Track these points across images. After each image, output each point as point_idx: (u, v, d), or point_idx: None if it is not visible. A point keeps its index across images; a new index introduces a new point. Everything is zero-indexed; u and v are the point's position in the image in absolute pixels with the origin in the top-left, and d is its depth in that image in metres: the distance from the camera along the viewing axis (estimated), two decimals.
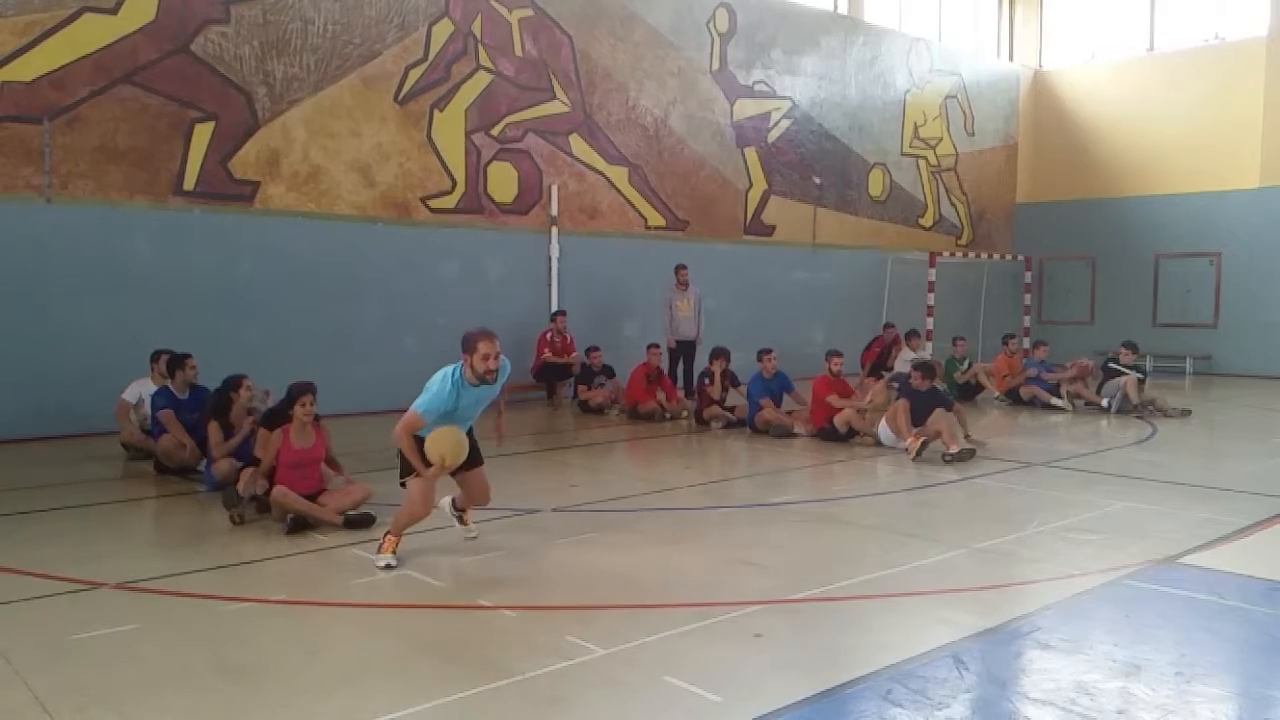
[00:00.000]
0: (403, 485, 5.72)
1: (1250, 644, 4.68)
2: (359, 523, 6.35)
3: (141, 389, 9.20)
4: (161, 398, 8.51)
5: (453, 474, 5.76)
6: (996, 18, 22.20)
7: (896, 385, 10.24)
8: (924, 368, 9.81)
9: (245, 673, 4.09)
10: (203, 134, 11.17)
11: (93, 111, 10.43)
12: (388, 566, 5.50)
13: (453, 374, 5.61)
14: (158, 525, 7.25)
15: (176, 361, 8.64)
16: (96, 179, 10.52)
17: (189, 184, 11.11)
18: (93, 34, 10.41)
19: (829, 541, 6.50)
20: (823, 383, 10.64)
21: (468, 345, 5.62)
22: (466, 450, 5.57)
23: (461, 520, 6.06)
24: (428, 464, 5.51)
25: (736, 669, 4.13)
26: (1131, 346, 13.33)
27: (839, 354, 10.96)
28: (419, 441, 5.54)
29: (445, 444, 5.47)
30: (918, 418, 9.54)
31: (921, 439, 9.29)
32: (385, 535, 5.70)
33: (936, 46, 20.24)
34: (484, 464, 6.00)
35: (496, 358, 5.58)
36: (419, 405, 5.56)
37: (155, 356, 9.24)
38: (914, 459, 9.24)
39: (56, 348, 10.16)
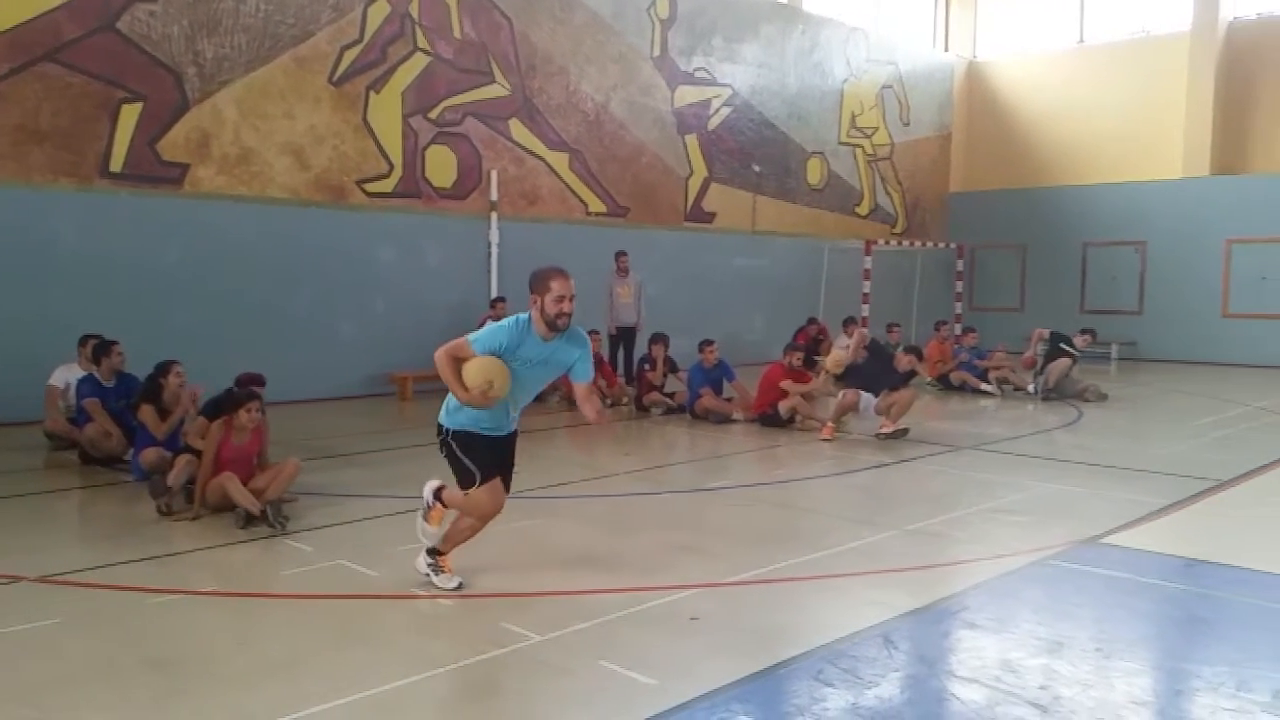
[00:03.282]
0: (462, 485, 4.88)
1: (1167, 619, 4.86)
2: (274, 523, 5.99)
3: (68, 374, 8.91)
4: (86, 385, 8.29)
5: None
6: (933, 8, 22.51)
7: (868, 340, 10.73)
8: (914, 351, 10.60)
9: (171, 665, 4.01)
10: (130, 114, 10.86)
11: (12, 90, 10.06)
12: (438, 575, 4.94)
13: (525, 318, 4.73)
14: (82, 516, 7.07)
15: (103, 348, 8.42)
16: (17, 160, 10.16)
17: (116, 166, 10.79)
18: (9, 9, 10.02)
19: (765, 525, 6.58)
20: (778, 369, 10.77)
21: (538, 284, 4.66)
22: (509, 386, 4.68)
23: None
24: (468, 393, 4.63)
25: (671, 652, 4.17)
26: (1091, 333, 13.72)
27: (798, 348, 11.24)
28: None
29: (493, 370, 4.59)
30: (878, 387, 9.98)
31: (835, 434, 9.90)
32: (433, 554, 5.01)
33: (873, 36, 20.45)
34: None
35: (571, 300, 4.67)
36: (471, 336, 4.74)
37: (83, 341, 8.98)
38: (825, 440, 9.76)
39: None
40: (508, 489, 4.97)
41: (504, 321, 4.76)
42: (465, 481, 4.83)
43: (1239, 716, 3.61)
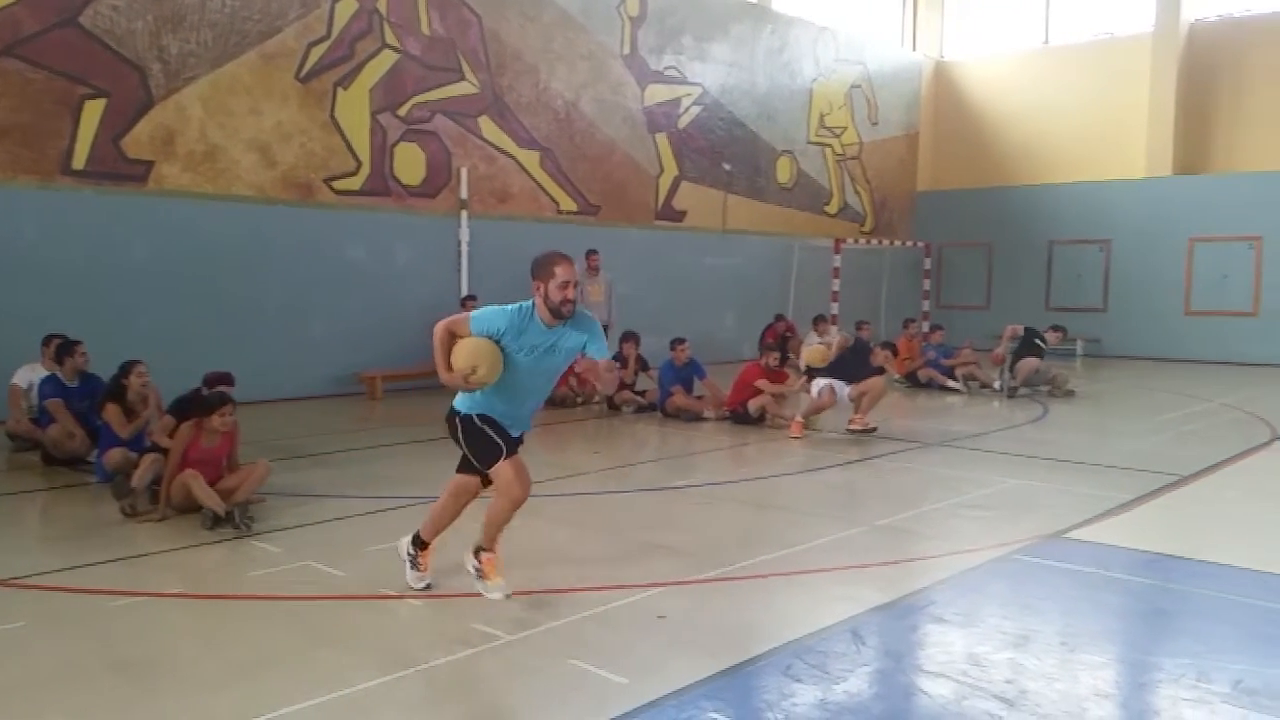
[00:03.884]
0: (481, 480, 4.81)
1: (1130, 613, 4.94)
2: (240, 524, 5.93)
3: (32, 374, 8.79)
4: (49, 386, 8.18)
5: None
6: (900, 8, 22.67)
7: (850, 341, 10.86)
8: (890, 347, 10.79)
9: (137, 668, 3.97)
10: (93, 111, 10.70)
11: None
12: (411, 570, 4.94)
13: (528, 305, 4.63)
14: (45, 518, 6.96)
15: (66, 348, 8.31)
16: None
17: (78, 163, 10.63)
18: None
19: (733, 522, 6.61)
20: (755, 369, 10.80)
21: (541, 270, 4.54)
22: (500, 372, 4.55)
23: (482, 573, 4.80)
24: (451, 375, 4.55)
25: (641, 650, 4.18)
26: (1061, 330, 13.91)
27: (774, 350, 11.33)
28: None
29: (483, 354, 4.48)
30: (853, 377, 9.99)
31: (805, 432, 9.99)
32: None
33: (842, 36, 20.56)
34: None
35: (575, 286, 4.57)
36: (473, 313, 4.67)
37: (47, 340, 8.85)
38: (794, 437, 9.84)
39: None
40: None
41: (507, 306, 4.66)
42: (490, 457, 4.64)
43: (1199, 707, 3.67)
